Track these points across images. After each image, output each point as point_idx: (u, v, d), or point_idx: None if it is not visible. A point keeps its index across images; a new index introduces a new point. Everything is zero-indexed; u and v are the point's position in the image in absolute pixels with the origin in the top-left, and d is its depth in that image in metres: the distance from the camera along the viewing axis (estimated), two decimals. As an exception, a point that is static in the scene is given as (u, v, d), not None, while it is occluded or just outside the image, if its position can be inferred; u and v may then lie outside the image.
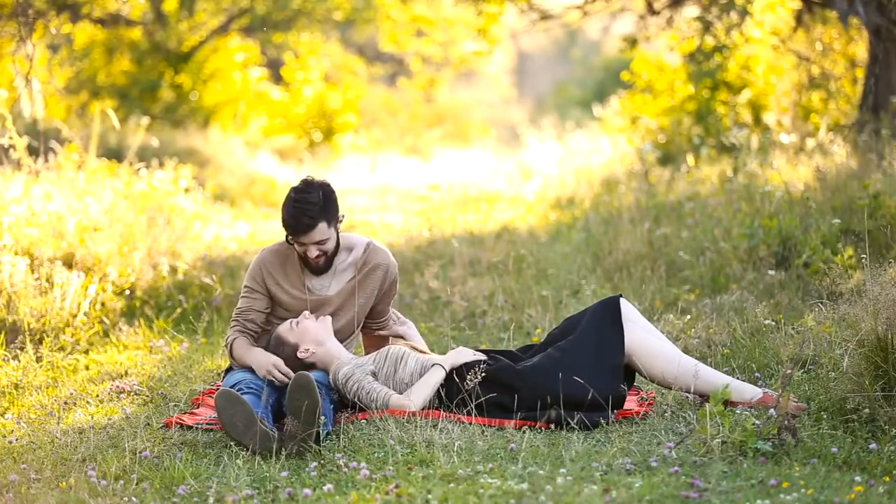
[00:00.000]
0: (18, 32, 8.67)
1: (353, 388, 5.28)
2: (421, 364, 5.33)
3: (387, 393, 5.24)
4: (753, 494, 4.20)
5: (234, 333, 5.55)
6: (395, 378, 5.31)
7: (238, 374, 5.40)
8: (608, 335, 5.26)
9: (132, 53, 17.69)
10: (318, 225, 5.41)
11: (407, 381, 5.30)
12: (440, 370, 5.27)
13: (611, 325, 5.28)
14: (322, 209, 5.41)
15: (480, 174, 15.81)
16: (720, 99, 12.80)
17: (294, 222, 5.41)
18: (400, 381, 5.30)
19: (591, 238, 9.14)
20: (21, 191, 8.03)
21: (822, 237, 7.23)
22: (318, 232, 5.42)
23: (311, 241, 5.44)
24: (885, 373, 4.94)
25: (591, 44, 36.87)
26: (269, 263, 5.57)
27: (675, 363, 5.23)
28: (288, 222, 5.44)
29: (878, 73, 10.25)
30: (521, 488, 4.29)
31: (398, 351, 5.38)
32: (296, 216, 5.39)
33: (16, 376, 6.03)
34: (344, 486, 4.48)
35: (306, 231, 5.41)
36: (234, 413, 4.84)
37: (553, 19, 13.81)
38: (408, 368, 5.33)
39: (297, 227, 5.41)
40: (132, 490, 4.47)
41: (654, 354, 5.25)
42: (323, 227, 5.43)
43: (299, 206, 5.39)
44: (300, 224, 5.39)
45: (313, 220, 5.39)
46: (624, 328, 5.27)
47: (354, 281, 5.62)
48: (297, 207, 5.39)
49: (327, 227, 5.44)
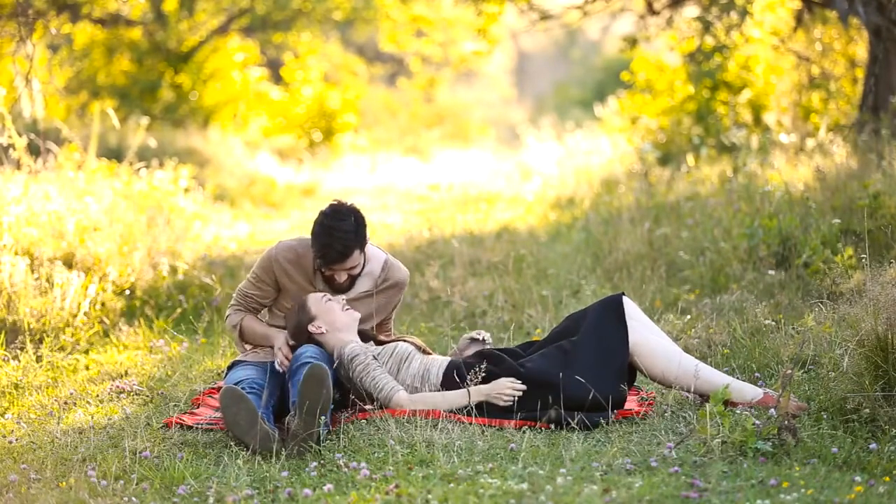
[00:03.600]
0: (18, 32, 8.67)
1: (357, 368, 5.22)
2: (425, 367, 5.29)
3: (394, 387, 5.20)
4: (753, 494, 4.20)
5: (238, 312, 5.55)
6: (396, 377, 5.29)
7: (240, 372, 5.39)
8: (612, 335, 5.25)
9: (132, 53, 17.69)
10: (352, 254, 5.36)
11: (408, 382, 5.27)
12: (465, 397, 5.18)
13: (615, 325, 5.27)
14: (356, 236, 5.35)
15: (480, 174, 15.82)
16: (720, 99, 12.80)
17: (329, 251, 5.31)
18: (402, 381, 5.28)
19: (591, 238, 9.14)
20: (21, 191, 8.02)
21: (822, 237, 7.23)
22: (351, 260, 5.37)
23: (343, 268, 5.39)
24: (885, 373, 4.94)
25: (591, 44, 36.86)
26: (284, 259, 5.53)
27: (676, 362, 5.22)
28: (322, 252, 5.33)
29: (878, 73, 10.25)
30: (521, 488, 4.29)
31: (405, 350, 5.35)
32: (331, 244, 5.30)
33: (16, 376, 6.03)
34: (344, 486, 4.48)
35: (341, 261, 5.35)
36: (237, 411, 4.84)
37: (553, 19, 13.81)
38: (411, 370, 5.30)
39: (331, 257, 5.33)
40: (132, 490, 4.47)
41: (655, 353, 5.25)
42: (356, 255, 5.38)
43: (335, 235, 5.29)
44: (334, 253, 5.31)
45: (348, 248, 5.33)
46: (628, 327, 5.26)
47: (372, 294, 5.61)
48: (332, 237, 5.29)
49: (359, 254, 5.40)
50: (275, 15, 18.60)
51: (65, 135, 9.61)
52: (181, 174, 10.40)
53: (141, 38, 17.76)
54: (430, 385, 5.27)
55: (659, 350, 5.26)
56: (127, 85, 17.44)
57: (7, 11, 9.63)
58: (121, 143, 13.76)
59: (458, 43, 20.17)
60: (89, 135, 11.01)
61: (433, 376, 5.28)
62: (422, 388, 5.27)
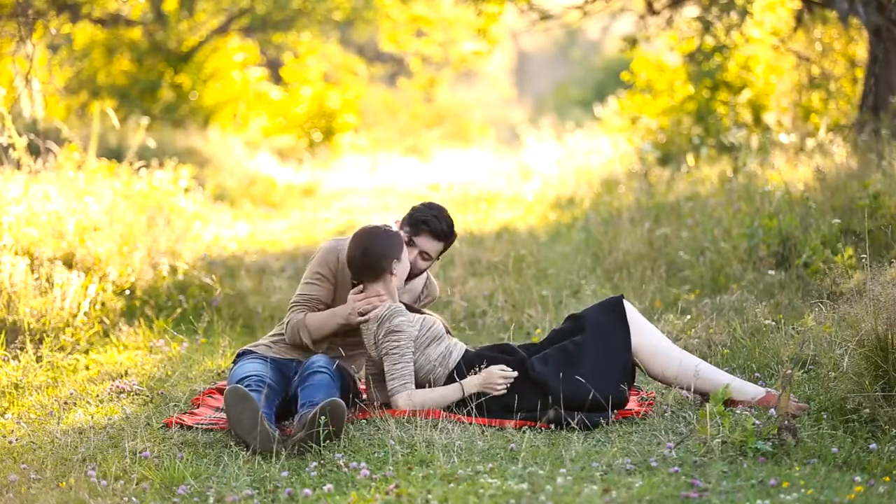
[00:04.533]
0: (18, 32, 8.67)
1: (391, 342, 5.21)
2: (448, 350, 5.32)
3: (403, 384, 5.20)
4: (753, 494, 4.20)
5: (300, 312, 5.52)
6: (424, 351, 5.29)
7: (246, 367, 5.38)
8: (615, 335, 5.26)
9: (132, 53, 17.70)
10: (444, 240, 5.63)
11: (433, 359, 5.28)
12: (459, 391, 5.22)
13: (616, 325, 5.28)
14: (453, 232, 5.67)
15: (480, 174, 15.81)
16: (720, 99, 12.80)
17: (440, 223, 5.58)
18: (427, 356, 5.28)
19: (591, 238, 9.14)
20: (21, 191, 8.02)
21: (822, 237, 7.23)
22: (436, 246, 5.62)
23: (425, 247, 5.58)
24: (885, 373, 4.94)
25: (591, 44, 36.87)
26: (342, 252, 5.54)
27: (677, 361, 5.23)
28: (429, 218, 5.58)
29: (878, 73, 10.25)
30: (521, 488, 4.29)
31: (438, 329, 5.35)
32: (438, 218, 5.60)
33: (16, 376, 6.03)
34: (344, 486, 4.48)
35: (437, 236, 5.59)
36: (241, 410, 4.85)
37: (553, 19, 13.81)
38: (437, 350, 5.31)
39: (435, 227, 5.58)
40: (132, 490, 4.47)
41: (657, 353, 5.26)
42: (440, 247, 5.64)
43: (443, 213, 5.63)
44: (438, 226, 5.58)
45: (448, 232, 5.64)
46: (630, 328, 5.27)
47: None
48: (441, 212, 5.63)
49: (440, 251, 5.66)
50: (275, 15, 18.60)
51: (65, 135, 9.61)
52: (181, 174, 10.40)
53: (141, 38, 17.77)
54: (446, 367, 5.30)
55: (660, 349, 5.27)
56: (127, 85, 17.44)
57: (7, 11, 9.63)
58: (121, 143, 13.77)
59: (458, 43, 20.17)
60: (89, 135, 11.01)
61: (451, 361, 5.31)
62: (439, 368, 5.29)
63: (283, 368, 5.45)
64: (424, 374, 5.30)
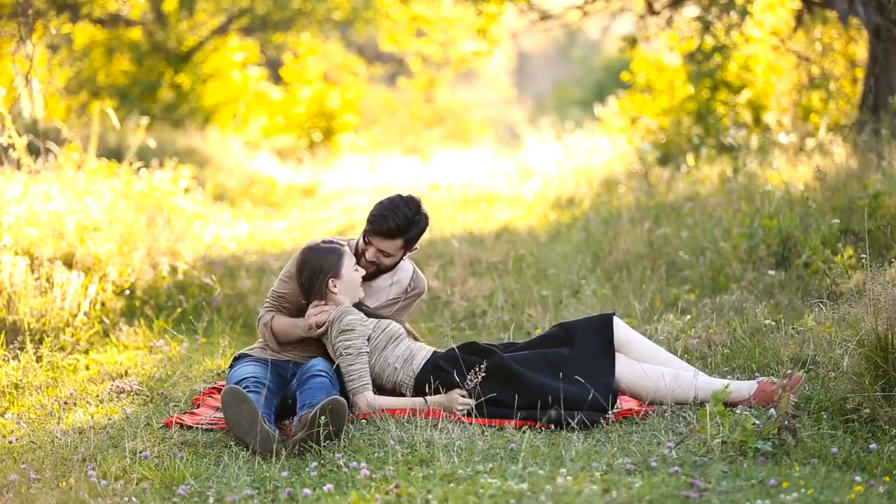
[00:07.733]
0: (18, 32, 8.67)
1: (343, 343, 5.25)
2: (410, 351, 5.34)
3: (362, 385, 5.22)
4: (753, 494, 4.20)
5: (269, 312, 5.59)
6: (381, 353, 5.32)
7: (245, 369, 5.39)
8: (599, 361, 5.27)
9: (132, 53, 17.70)
10: (397, 238, 5.50)
11: (391, 361, 5.31)
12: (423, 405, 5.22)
13: (603, 351, 5.30)
14: (408, 229, 5.49)
15: (480, 174, 15.80)
16: (720, 99, 12.79)
17: (380, 221, 5.47)
18: (385, 359, 5.32)
19: (591, 238, 9.14)
20: (21, 191, 8.03)
21: (822, 237, 7.23)
22: (391, 244, 5.51)
23: (379, 246, 5.51)
24: (885, 373, 4.95)
25: (591, 44, 36.86)
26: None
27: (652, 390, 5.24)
28: (374, 218, 5.48)
29: (877, 73, 10.25)
30: (521, 488, 4.29)
31: (395, 330, 5.39)
32: (387, 217, 5.46)
33: (16, 376, 6.03)
34: (344, 486, 4.48)
35: (383, 235, 5.48)
36: (239, 411, 4.85)
37: (553, 19, 13.81)
38: (397, 351, 5.34)
39: (379, 227, 5.47)
40: (132, 490, 4.47)
41: (645, 378, 5.27)
42: (397, 244, 5.51)
43: (396, 211, 5.46)
44: (384, 225, 5.46)
45: (398, 230, 5.48)
46: (615, 357, 5.28)
47: (399, 302, 5.71)
48: (393, 212, 5.46)
49: (399, 248, 5.53)
50: (275, 15, 18.60)
51: (65, 135, 9.61)
52: (181, 174, 10.39)
53: (141, 38, 17.77)
54: (411, 371, 5.31)
55: (649, 374, 5.26)
56: (127, 85, 17.44)
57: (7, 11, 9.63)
58: (121, 143, 13.76)
59: (458, 43, 20.18)
60: (89, 135, 11.01)
61: (416, 363, 5.33)
62: (402, 370, 5.32)
63: (280, 370, 5.46)
64: (388, 379, 5.33)
